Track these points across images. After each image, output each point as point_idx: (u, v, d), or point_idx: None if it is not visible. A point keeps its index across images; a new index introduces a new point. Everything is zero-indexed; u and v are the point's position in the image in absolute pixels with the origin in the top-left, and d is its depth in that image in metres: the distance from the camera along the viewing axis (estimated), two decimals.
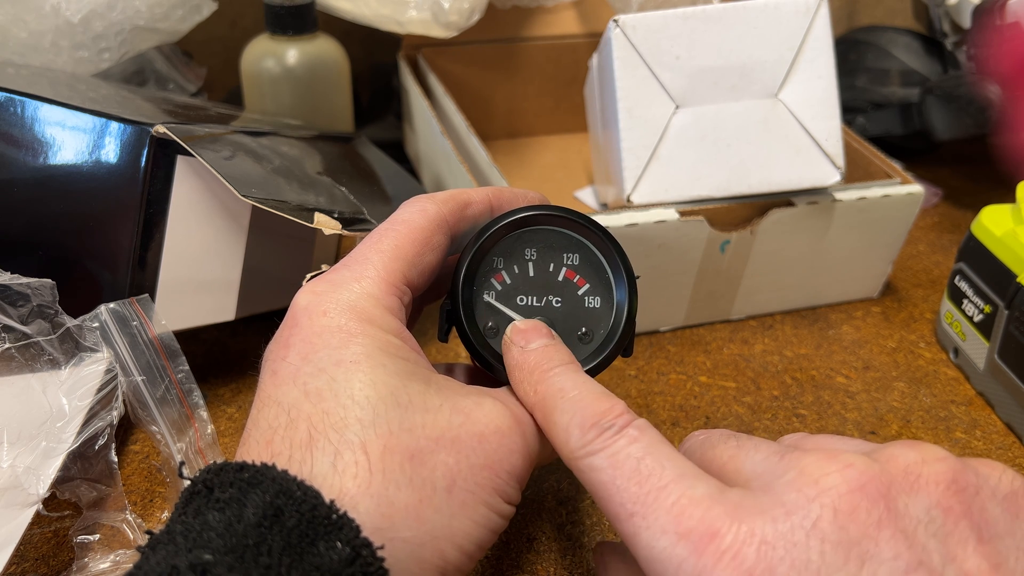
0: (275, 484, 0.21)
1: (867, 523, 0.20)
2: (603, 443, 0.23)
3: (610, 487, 0.22)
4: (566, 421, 0.24)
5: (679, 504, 0.21)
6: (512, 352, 0.27)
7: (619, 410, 0.24)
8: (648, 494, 0.22)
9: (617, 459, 0.23)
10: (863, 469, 0.21)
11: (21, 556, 0.32)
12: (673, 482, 0.22)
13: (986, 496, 0.21)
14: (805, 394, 0.43)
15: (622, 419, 0.24)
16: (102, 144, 0.34)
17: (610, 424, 0.23)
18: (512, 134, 0.66)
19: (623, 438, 0.23)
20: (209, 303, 0.38)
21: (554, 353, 0.27)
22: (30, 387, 0.33)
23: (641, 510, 0.21)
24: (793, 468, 0.21)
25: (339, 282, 0.26)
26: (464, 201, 0.29)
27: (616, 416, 0.24)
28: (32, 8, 0.48)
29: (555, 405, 0.25)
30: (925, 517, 0.20)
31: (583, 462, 0.23)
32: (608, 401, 0.24)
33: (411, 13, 0.52)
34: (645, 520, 0.21)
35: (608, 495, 0.22)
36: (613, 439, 0.23)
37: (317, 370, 0.24)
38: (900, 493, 0.20)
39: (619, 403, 0.24)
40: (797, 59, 0.42)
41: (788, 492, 0.21)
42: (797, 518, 0.20)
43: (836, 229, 0.46)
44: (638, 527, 0.21)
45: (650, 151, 0.42)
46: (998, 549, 0.20)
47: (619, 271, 0.29)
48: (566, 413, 0.24)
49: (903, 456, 0.21)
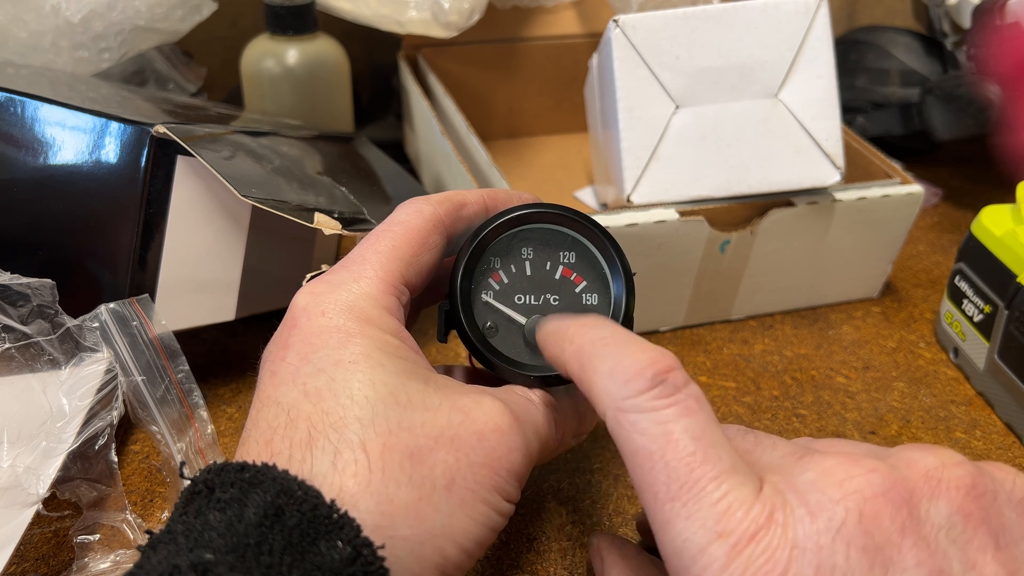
0: (276, 484, 0.21)
1: (891, 529, 0.20)
2: (653, 402, 0.21)
3: (655, 459, 0.20)
4: (609, 366, 0.22)
5: (725, 500, 0.20)
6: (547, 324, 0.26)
7: (671, 362, 0.21)
8: (697, 482, 0.20)
9: (669, 431, 0.21)
10: (886, 474, 0.20)
11: (21, 556, 0.32)
12: (725, 474, 0.20)
13: (1003, 501, 0.21)
14: (805, 394, 0.43)
15: (675, 376, 0.21)
16: (102, 144, 0.34)
17: (662, 378, 0.21)
18: (512, 134, 0.66)
19: (677, 406, 0.21)
20: (209, 303, 0.38)
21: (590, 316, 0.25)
22: (30, 387, 0.33)
23: (683, 497, 0.20)
24: (814, 468, 0.21)
25: (337, 283, 0.26)
26: (459, 202, 0.29)
27: (668, 370, 0.21)
28: (32, 8, 0.48)
29: (595, 351, 0.23)
30: (946, 523, 0.20)
31: (627, 417, 0.21)
32: (658, 351, 0.22)
33: (411, 13, 0.53)
34: (686, 508, 0.20)
35: (650, 467, 0.21)
36: (666, 403, 0.21)
37: (316, 370, 0.24)
38: (922, 499, 0.20)
39: (669, 355, 0.22)
40: (797, 59, 0.42)
41: (811, 492, 0.20)
42: (823, 520, 0.20)
43: (836, 229, 0.46)
44: (676, 514, 0.20)
45: (650, 151, 0.42)
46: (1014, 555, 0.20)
47: (616, 268, 0.29)
48: (609, 359, 0.22)
49: (922, 461, 0.21)
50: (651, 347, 0.22)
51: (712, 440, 0.21)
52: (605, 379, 0.22)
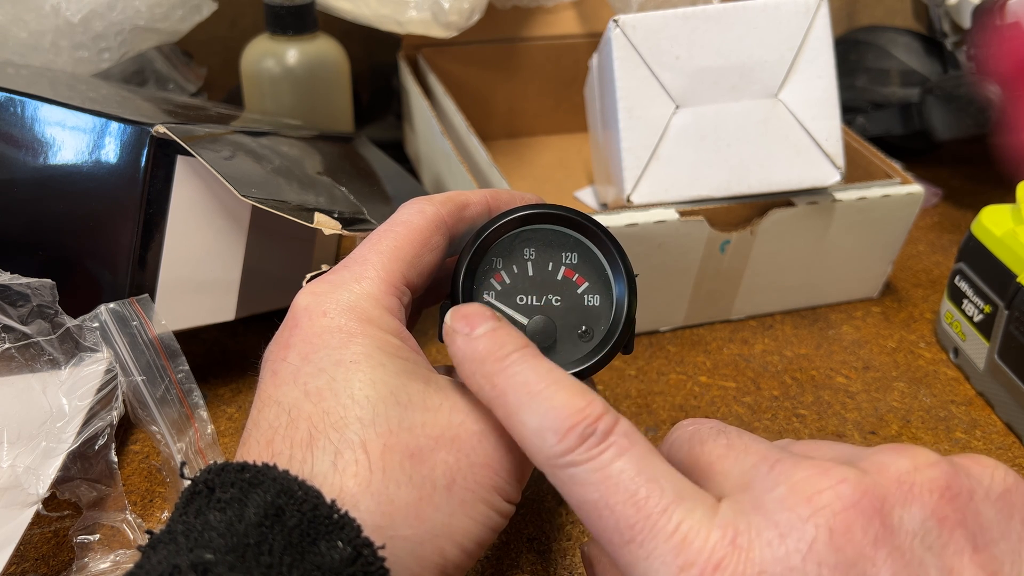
0: (276, 484, 0.21)
1: (863, 543, 0.19)
2: (587, 453, 0.21)
3: (601, 508, 0.20)
4: (537, 422, 0.22)
5: (680, 532, 0.20)
6: (456, 341, 0.24)
7: (599, 409, 0.21)
8: (647, 519, 0.20)
9: (607, 475, 0.20)
10: (856, 484, 0.20)
11: (21, 556, 0.32)
12: (672, 504, 0.20)
13: (980, 499, 0.21)
14: (805, 394, 0.43)
15: (604, 422, 0.21)
16: (102, 144, 0.34)
17: (592, 429, 0.21)
18: (512, 134, 0.66)
19: (611, 448, 0.21)
20: (209, 303, 0.38)
21: (505, 337, 0.24)
22: (30, 387, 0.33)
23: (639, 537, 0.20)
24: (784, 482, 0.20)
25: (339, 283, 0.26)
26: (462, 202, 0.29)
27: (597, 418, 0.21)
28: (32, 8, 0.48)
29: (520, 402, 0.22)
30: (920, 529, 0.20)
31: (564, 472, 0.21)
32: (584, 398, 0.22)
33: (411, 13, 0.53)
34: (643, 549, 0.20)
35: (599, 516, 0.21)
36: (599, 449, 0.21)
37: (317, 370, 0.24)
38: (894, 506, 0.20)
39: (597, 399, 0.22)
40: (797, 59, 0.42)
41: (780, 511, 0.20)
42: (792, 541, 0.19)
43: (836, 229, 0.46)
44: (636, 556, 0.20)
45: (650, 151, 0.42)
46: (994, 555, 0.20)
47: (618, 269, 0.29)
48: (536, 413, 0.22)
49: (894, 464, 0.21)
50: (577, 393, 0.22)
51: (651, 473, 0.21)
52: (535, 437, 0.22)
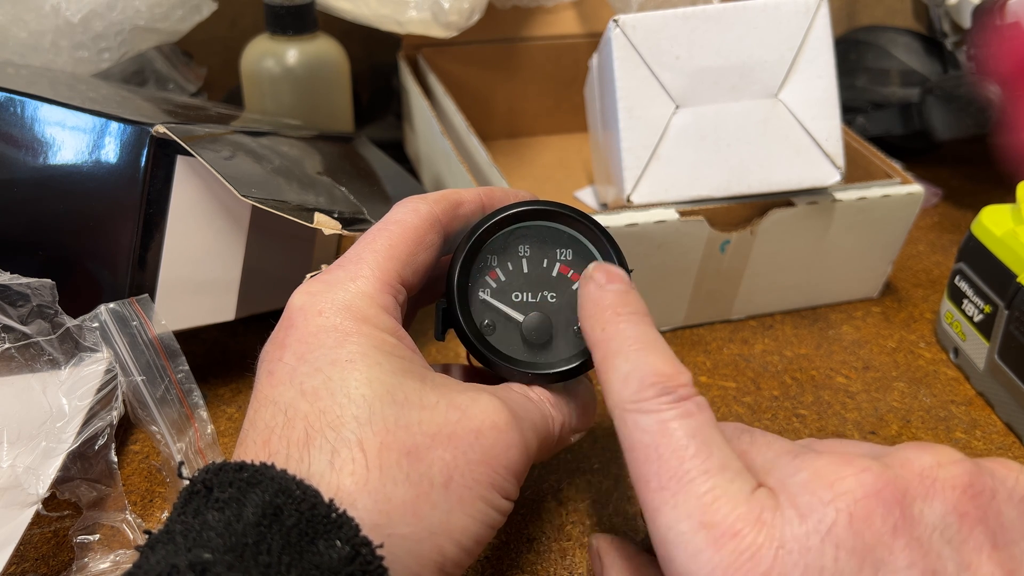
0: (274, 483, 0.21)
1: (882, 530, 0.19)
2: (657, 405, 0.22)
3: (650, 451, 0.22)
4: (627, 369, 0.23)
5: (712, 494, 0.21)
6: (589, 287, 0.26)
7: (685, 379, 0.23)
8: (686, 474, 0.21)
9: (667, 427, 0.22)
10: (878, 473, 0.20)
11: (21, 556, 0.33)
12: (714, 470, 0.21)
13: (1002, 500, 0.21)
14: (805, 394, 0.43)
15: (685, 389, 0.23)
16: (102, 144, 0.34)
17: (672, 390, 0.23)
18: (512, 134, 0.66)
19: (678, 409, 0.22)
20: (209, 303, 0.38)
21: (633, 299, 0.26)
22: (30, 387, 0.33)
23: (673, 486, 0.21)
24: (806, 469, 0.21)
25: (334, 282, 0.26)
26: (456, 200, 0.29)
27: (680, 384, 0.23)
28: (32, 8, 0.48)
29: (620, 350, 0.24)
30: (940, 523, 0.20)
31: (631, 416, 0.23)
32: (676, 366, 0.23)
33: (411, 13, 0.53)
34: (674, 498, 0.21)
35: (645, 458, 0.22)
36: (669, 405, 0.22)
37: (313, 369, 0.24)
38: (915, 499, 0.20)
39: (685, 372, 0.23)
40: (797, 59, 0.42)
41: (802, 494, 0.20)
42: (812, 522, 0.20)
43: (836, 229, 0.46)
44: (664, 502, 0.21)
45: (650, 151, 0.42)
46: (1013, 554, 0.20)
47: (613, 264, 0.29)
48: (630, 362, 0.23)
49: (918, 460, 0.21)
50: (671, 360, 0.24)
51: (706, 439, 0.22)
52: (620, 381, 0.23)
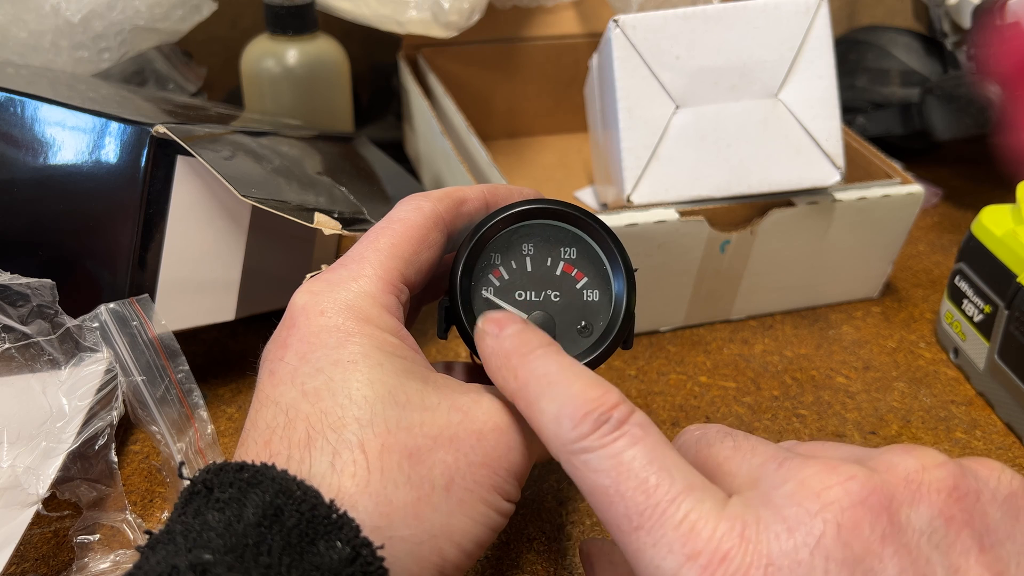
0: (275, 484, 0.21)
1: (871, 539, 0.19)
2: (601, 440, 0.21)
3: (612, 494, 0.21)
4: (555, 409, 0.22)
5: (688, 521, 0.20)
6: (486, 340, 0.25)
7: (614, 399, 0.22)
8: (656, 507, 0.20)
9: (619, 462, 0.21)
10: (864, 481, 0.20)
11: (21, 556, 0.32)
12: (682, 494, 0.20)
13: (987, 500, 0.21)
14: (805, 394, 0.43)
15: (620, 411, 0.22)
16: (102, 144, 0.34)
17: (607, 416, 0.21)
18: (512, 134, 0.66)
19: (624, 437, 0.21)
20: (209, 303, 0.38)
21: (532, 336, 0.25)
22: (30, 387, 0.33)
23: (647, 524, 0.20)
24: (792, 478, 0.21)
25: (336, 282, 0.26)
26: (460, 198, 0.29)
27: (612, 407, 0.22)
28: (32, 8, 0.48)
29: (540, 391, 0.23)
30: (928, 528, 0.20)
31: (578, 459, 0.22)
32: (600, 387, 0.22)
33: (411, 13, 0.53)
34: (651, 536, 0.20)
35: (609, 503, 0.21)
36: (613, 437, 0.21)
37: (315, 370, 0.24)
38: (902, 504, 0.20)
39: (612, 390, 0.22)
40: (797, 59, 0.42)
41: (789, 505, 0.20)
42: (800, 535, 0.19)
43: (836, 229, 0.46)
44: (643, 543, 0.20)
45: (650, 151, 0.42)
46: (999, 556, 0.20)
47: (617, 264, 0.29)
48: (555, 400, 0.22)
49: (902, 464, 0.21)
50: (594, 383, 0.22)
51: (662, 463, 0.21)
52: (552, 424, 0.22)
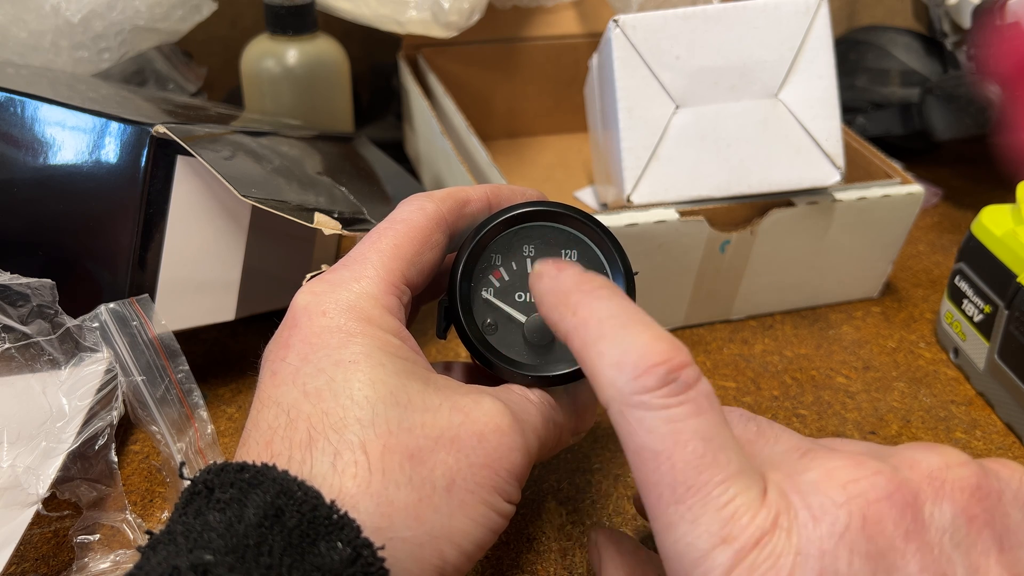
0: (276, 484, 0.21)
1: (895, 534, 0.19)
2: (663, 399, 0.20)
3: (662, 459, 0.20)
4: (617, 355, 0.20)
5: (731, 505, 0.19)
6: (542, 281, 0.24)
7: (684, 358, 0.20)
8: (704, 486, 0.19)
9: (678, 430, 0.20)
10: (890, 477, 0.20)
11: (21, 556, 0.32)
12: (732, 478, 0.20)
13: (1008, 502, 0.21)
14: (805, 394, 0.43)
15: (688, 373, 0.20)
16: (102, 144, 0.34)
17: (674, 376, 0.20)
18: (512, 134, 0.66)
19: (689, 404, 0.20)
20: (209, 303, 0.38)
21: (595, 277, 0.23)
22: (30, 387, 0.33)
23: (690, 500, 0.19)
24: (817, 468, 0.21)
25: (338, 282, 0.26)
26: (462, 199, 0.29)
27: (681, 366, 0.20)
28: (32, 8, 0.48)
29: (602, 332, 0.21)
30: (950, 527, 0.20)
31: (633, 412, 0.20)
32: (670, 342, 0.20)
33: (411, 13, 0.52)
34: (691, 512, 0.19)
35: (655, 467, 0.20)
36: (678, 400, 0.20)
37: (316, 370, 0.24)
38: (926, 501, 0.20)
39: (683, 348, 0.21)
40: (797, 59, 0.42)
41: (814, 494, 0.20)
42: (826, 524, 0.19)
43: (836, 229, 0.46)
44: (680, 517, 0.19)
45: (650, 151, 0.42)
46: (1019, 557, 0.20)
47: (617, 267, 0.29)
48: (618, 345, 0.20)
49: (925, 461, 0.21)
50: (663, 336, 0.21)
51: (722, 442, 0.20)
52: (611, 369, 0.20)
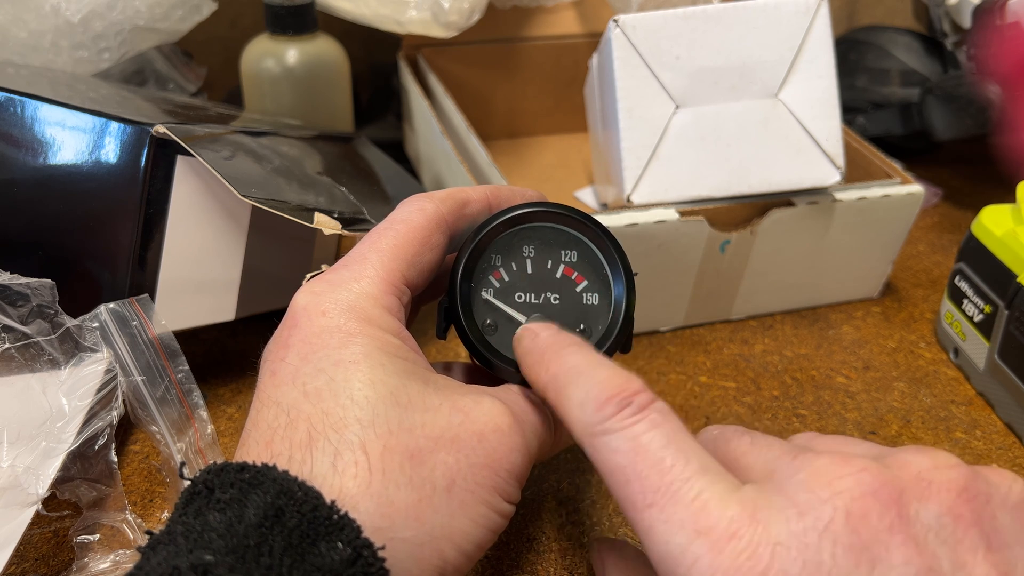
0: (276, 485, 0.21)
1: (879, 528, 0.20)
2: (622, 422, 0.22)
3: (628, 472, 0.21)
4: (581, 395, 0.23)
5: (700, 499, 0.20)
6: (523, 342, 0.27)
7: (637, 386, 0.23)
8: (670, 485, 0.21)
9: (638, 443, 0.22)
10: (876, 473, 0.21)
11: (21, 556, 0.32)
12: (695, 476, 0.21)
13: (996, 505, 0.21)
14: (805, 394, 0.43)
15: (641, 397, 0.22)
16: (102, 144, 0.34)
17: (628, 400, 0.22)
18: (512, 134, 0.66)
19: (644, 421, 0.22)
20: (209, 303, 0.38)
21: (566, 336, 0.26)
22: (30, 387, 0.33)
23: (660, 502, 0.21)
24: (805, 468, 0.21)
25: (338, 282, 0.26)
26: (463, 199, 0.29)
27: (634, 393, 0.23)
28: (32, 8, 0.48)
29: (568, 380, 0.24)
30: (936, 524, 0.20)
31: (599, 440, 0.22)
32: (625, 376, 0.23)
33: (411, 13, 0.52)
34: (663, 513, 0.21)
35: (625, 480, 0.22)
36: (633, 420, 0.22)
37: (316, 370, 0.24)
38: (912, 499, 0.20)
39: (636, 380, 0.23)
40: (797, 59, 0.42)
41: (801, 492, 0.20)
42: (810, 519, 0.20)
43: (836, 229, 0.46)
44: (655, 519, 0.21)
45: (650, 151, 0.42)
46: (1007, 558, 0.20)
47: (617, 268, 0.29)
48: (580, 387, 0.23)
49: (915, 462, 0.21)
50: (619, 373, 0.23)
51: (679, 446, 0.22)
52: (577, 409, 0.23)
